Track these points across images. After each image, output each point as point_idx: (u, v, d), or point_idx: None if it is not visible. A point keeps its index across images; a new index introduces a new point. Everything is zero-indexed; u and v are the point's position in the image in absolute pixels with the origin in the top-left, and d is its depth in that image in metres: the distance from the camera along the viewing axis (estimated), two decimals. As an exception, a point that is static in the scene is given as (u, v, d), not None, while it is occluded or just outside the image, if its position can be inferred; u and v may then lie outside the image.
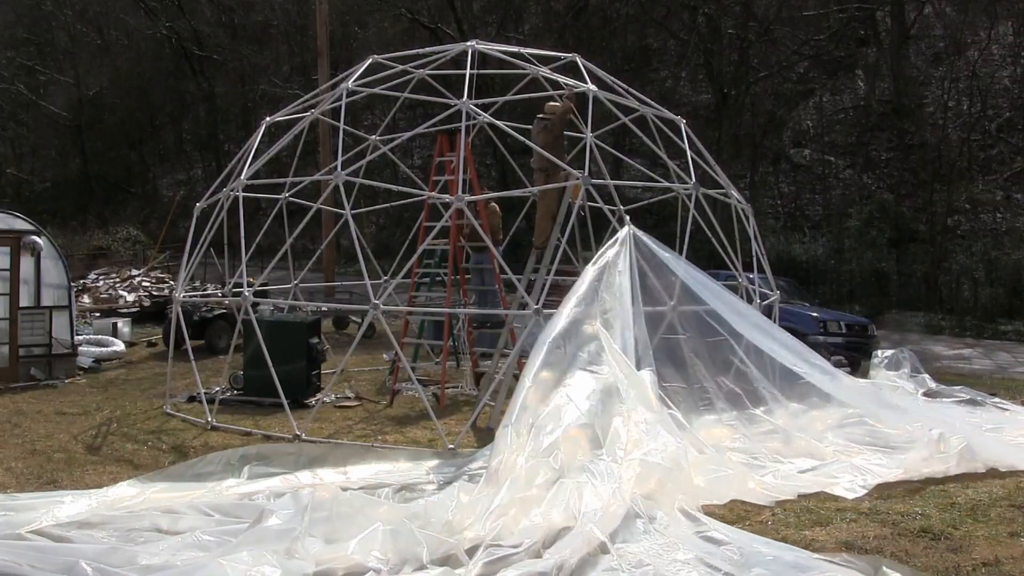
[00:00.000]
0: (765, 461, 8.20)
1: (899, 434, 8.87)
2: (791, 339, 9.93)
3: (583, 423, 7.41)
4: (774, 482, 7.60)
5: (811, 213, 27.36)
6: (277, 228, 14.41)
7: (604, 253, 9.33)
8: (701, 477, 7.32)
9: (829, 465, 8.20)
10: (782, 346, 9.60)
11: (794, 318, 14.28)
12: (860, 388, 10.22)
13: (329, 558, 5.42)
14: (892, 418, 9.22)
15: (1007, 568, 5.74)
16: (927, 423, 8.90)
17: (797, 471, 8.03)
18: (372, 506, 6.30)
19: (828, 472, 7.99)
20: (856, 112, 29.30)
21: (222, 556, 5.36)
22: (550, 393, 7.72)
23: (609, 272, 9.06)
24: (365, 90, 12.07)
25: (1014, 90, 27.16)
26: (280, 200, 13.32)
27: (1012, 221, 24.21)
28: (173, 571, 5.30)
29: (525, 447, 6.99)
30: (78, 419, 10.47)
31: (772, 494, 7.27)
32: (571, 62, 12.38)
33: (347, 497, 6.32)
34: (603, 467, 6.83)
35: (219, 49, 39.27)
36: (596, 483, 6.57)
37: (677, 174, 12.58)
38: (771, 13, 27.72)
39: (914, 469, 7.98)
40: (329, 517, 5.88)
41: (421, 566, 5.54)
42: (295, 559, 5.38)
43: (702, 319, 9.61)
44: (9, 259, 12.73)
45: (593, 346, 8.23)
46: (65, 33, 43.74)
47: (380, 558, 5.50)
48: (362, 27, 34.91)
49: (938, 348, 18.56)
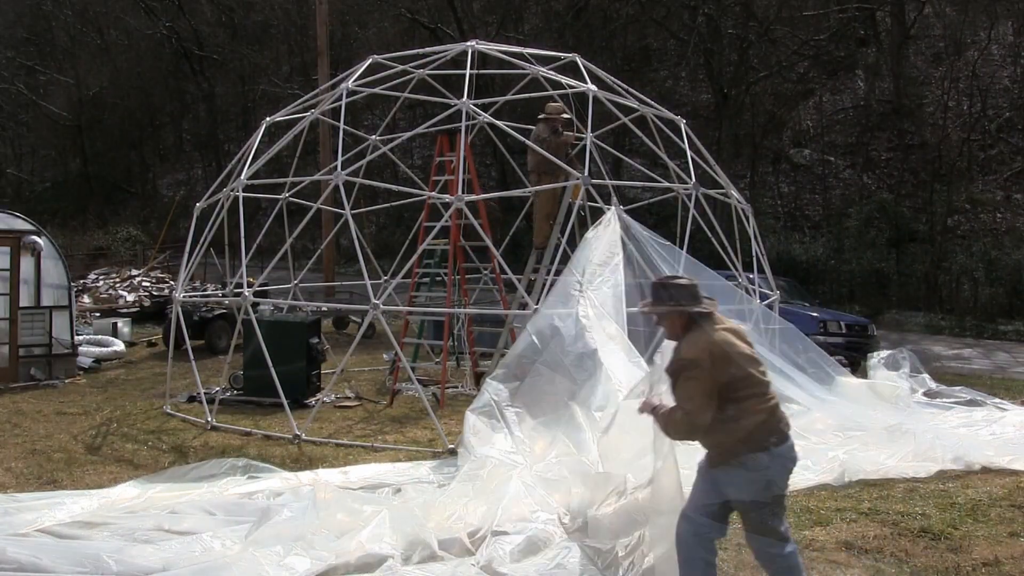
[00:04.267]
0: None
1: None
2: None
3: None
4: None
5: (811, 213, 27.37)
6: (277, 228, 14.42)
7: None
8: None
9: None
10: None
11: (794, 318, 14.27)
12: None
13: (345, 549, 5.49)
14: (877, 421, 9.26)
15: (1007, 568, 5.74)
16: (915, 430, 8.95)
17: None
18: (375, 503, 6.35)
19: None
20: (856, 112, 29.31)
21: (255, 548, 5.42)
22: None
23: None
24: (365, 90, 12.06)
25: (1014, 90, 27.17)
26: (280, 200, 13.32)
27: (1012, 221, 24.22)
28: (203, 564, 5.33)
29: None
30: (78, 419, 10.47)
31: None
32: (571, 62, 12.38)
33: (351, 493, 6.37)
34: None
35: (219, 49, 39.29)
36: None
37: (677, 174, 12.57)
38: (771, 13, 27.73)
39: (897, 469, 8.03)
40: (335, 512, 5.94)
41: (431, 553, 5.60)
42: (315, 550, 5.47)
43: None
44: (9, 259, 12.73)
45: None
46: (65, 33, 43.76)
47: (391, 544, 5.59)
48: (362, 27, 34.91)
49: (938, 348, 18.55)
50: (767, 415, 4.57)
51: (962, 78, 26.39)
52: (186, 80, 41.60)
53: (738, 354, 4.57)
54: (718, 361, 4.49)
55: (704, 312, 4.69)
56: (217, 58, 39.45)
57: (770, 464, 4.52)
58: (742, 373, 4.54)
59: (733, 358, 4.54)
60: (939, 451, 8.41)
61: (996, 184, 25.52)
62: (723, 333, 4.62)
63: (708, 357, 4.49)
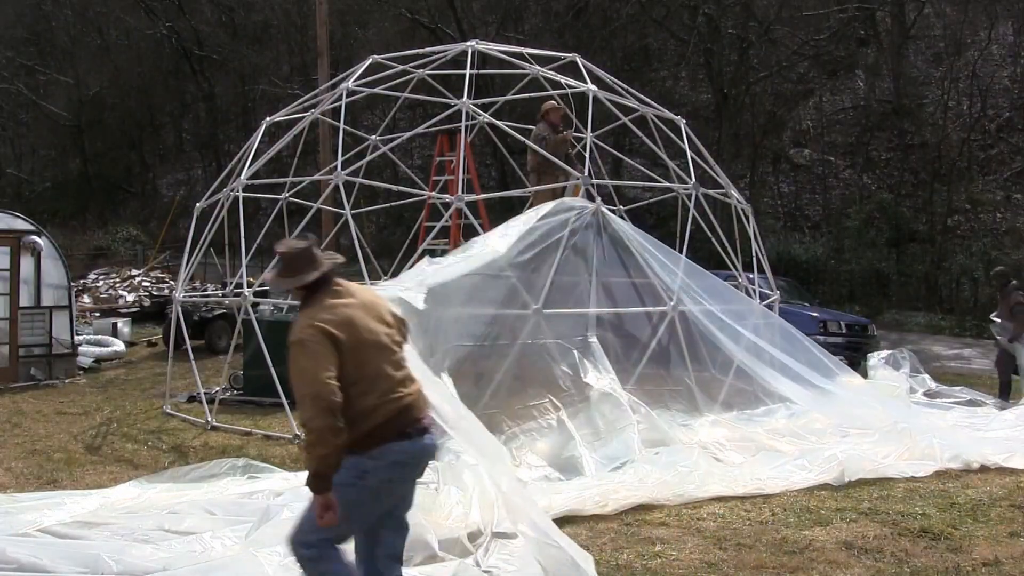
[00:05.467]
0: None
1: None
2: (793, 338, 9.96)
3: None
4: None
5: (811, 213, 27.36)
6: (277, 228, 14.38)
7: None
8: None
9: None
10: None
11: (794, 318, 14.28)
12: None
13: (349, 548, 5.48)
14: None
15: (1007, 568, 5.74)
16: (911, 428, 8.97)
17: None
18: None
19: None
20: (856, 112, 29.30)
21: (256, 548, 5.41)
22: None
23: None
24: (365, 90, 12.07)
25: (1014, 90, 27.16)
26: (280, 200, 13.32)
27: (1012, 221, 24.21)
28: (204, 564, 5.32)
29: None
30: (78, 419, 10.47)
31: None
32: (571, 62, 12.38)
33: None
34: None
35: (219, 49, 39.24)
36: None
37: (677, 174, 12.57)
38: (771, 13, 27.72)
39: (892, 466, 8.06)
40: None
41: (433, 553, 5.57)
42: None
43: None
44: (9, 259, 12.74)
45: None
46: (65, 33, 43.69)
47: None
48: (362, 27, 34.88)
49: (938, 348, 18.55)
50: (385, 414, 3.95)
51: (962, 78, 26.37)
52: (186, 80, 41.55)
53: (353, 336, 3.91)
54: (327, 341, 3.84)
55: (319, 282, 4.03)
56: (217, 58, 39.41)
57: (372, 470, 3.94)
58: (356, 360, 3.90)
59: (342, 340, 3.87)
60: (938, 449, 8.41)
61: (996, 184, 25.51)
62: (342, 310, 3.97)
63: (316, 336, 3.85)
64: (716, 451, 8.35)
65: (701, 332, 9.57)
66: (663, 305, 9.60)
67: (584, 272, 9.45)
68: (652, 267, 9.65)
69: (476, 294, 8.57)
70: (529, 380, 8.64)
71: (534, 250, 8.99)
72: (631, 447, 7.91)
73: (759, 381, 9.56)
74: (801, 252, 23.80)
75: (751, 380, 9.59)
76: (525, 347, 8.72)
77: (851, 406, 9.55)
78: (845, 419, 9.35)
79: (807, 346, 10.28)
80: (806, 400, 9.55)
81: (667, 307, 9.57)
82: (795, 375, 9.68)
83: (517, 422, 8.22)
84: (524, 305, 8.81)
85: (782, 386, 9.50)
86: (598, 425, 8.19)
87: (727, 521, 6.66)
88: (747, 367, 9.53)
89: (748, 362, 9.53)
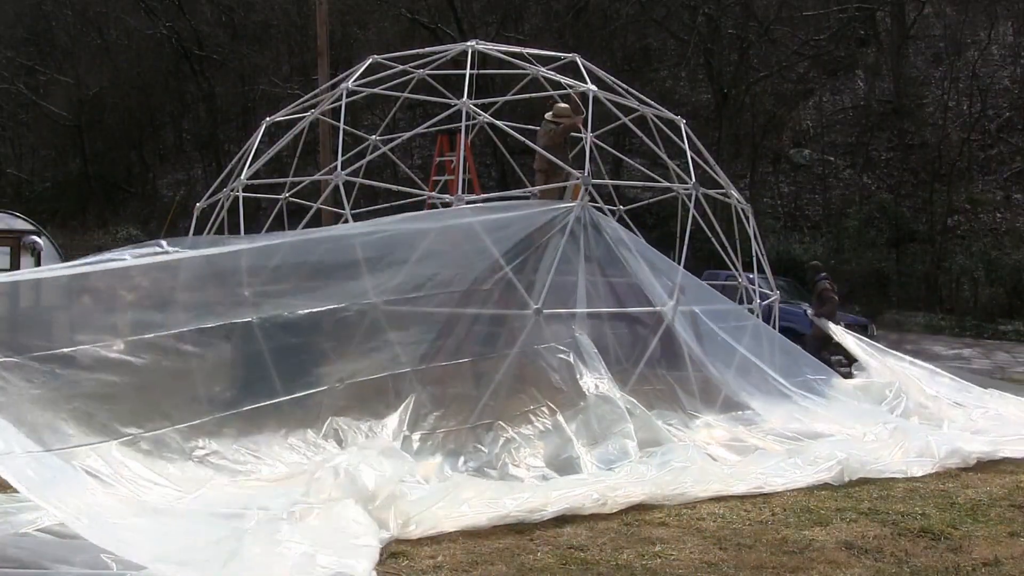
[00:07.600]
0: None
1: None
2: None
3: None
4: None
5: (811, 213, 27.38)
6: (277, 228, 14.39)
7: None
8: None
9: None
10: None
11: (794, 318, 14.32)
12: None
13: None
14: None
15: (1007, 568, 5.74)
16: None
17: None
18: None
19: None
20: (856, 112, 29.32)
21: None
22: None
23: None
24: (365, 90, 12.06)
25: (1014, 90, 27.19)
26: (280, 200, 13.31)
27: (1012, 221, 24.24)
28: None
29: None
30: (78, 419, 10.45)
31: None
32: (571, 62, 12.37)
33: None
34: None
35: (219, 49, 39.25)
36: None
37: (677, 174, 12.57)
38: (771, 13, 27.74)
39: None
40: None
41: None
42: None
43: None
44: (9, 259, 12.74)
45: None
46: (65, 33, 43.69)
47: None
48: (362, 27, 34.89)
49: (938, 348, 18.57)
50: None
51: (962, 78, 26.40)
52: (186, 80, 41.55)
53: None
54: None
55: None
56: (217, 58, 39.42)
57: None
58: None
59: None
60: (934, 447, 8.42)
61: (996, 184, 25.54)
62: None
63: None
64: (712, 451, 8.39)
65: (695, 333, 9.58)
66: (655, 306, 9.60)
67: (574, 273, 9.47)
68: (642, 268, 9.67)
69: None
70: (527, 383, 8.68)
71: (525, 253, 9.05)
72: (627, 449, 7.94)
73: (740, 387, 9.60)
74: (801, 252, 23.82)
75: (743, 383, 9.62)
76: (523, 349, 8.77)
77: (851, 405, 9.58)
78: (845, 419, 9.36)
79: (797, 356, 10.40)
80: (807, 404, 9.59)
81: (662, 308, 9.58)
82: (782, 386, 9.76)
83: (514, 425, 8.26)
84: (523, 305, 8.83)
85: (754, 397, 9.57)
86: (594, 427, 8.21)
87: (727, 521, 6.66)
88: (740, 372, 9.60)
89: (740, 366, 9.58)
